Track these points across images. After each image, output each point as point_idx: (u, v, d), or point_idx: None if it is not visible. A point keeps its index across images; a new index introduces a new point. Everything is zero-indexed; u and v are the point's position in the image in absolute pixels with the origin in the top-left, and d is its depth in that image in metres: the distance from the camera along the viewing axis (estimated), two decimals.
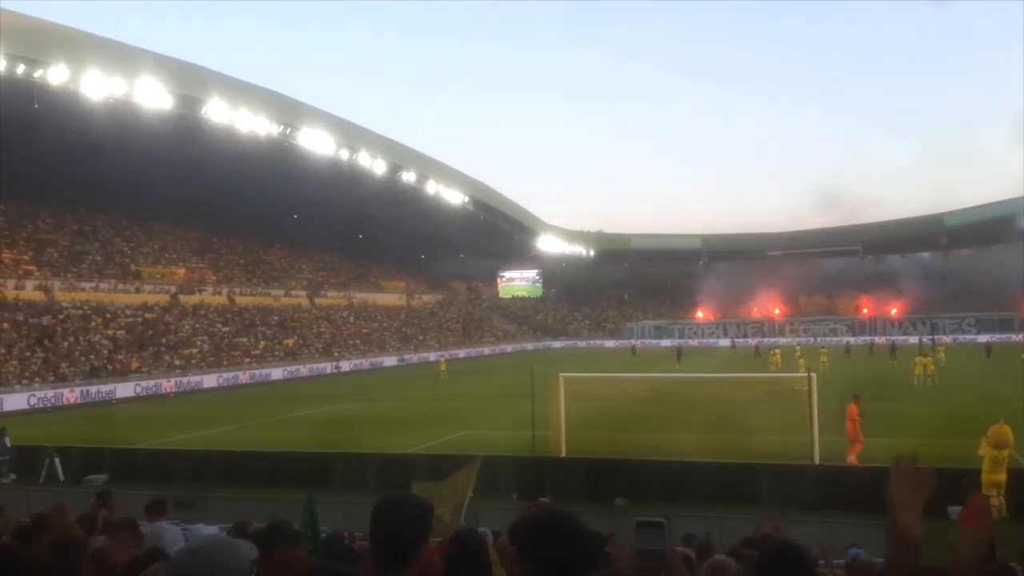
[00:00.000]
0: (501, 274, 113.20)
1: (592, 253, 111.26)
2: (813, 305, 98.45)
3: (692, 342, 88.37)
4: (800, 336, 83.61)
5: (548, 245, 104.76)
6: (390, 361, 68.65)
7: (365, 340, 72.52)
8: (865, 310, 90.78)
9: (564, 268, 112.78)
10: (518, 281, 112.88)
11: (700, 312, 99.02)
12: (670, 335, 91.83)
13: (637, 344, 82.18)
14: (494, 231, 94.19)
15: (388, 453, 22.01)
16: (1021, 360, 44.54)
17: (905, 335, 78.36)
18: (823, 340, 75.05)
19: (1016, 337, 73.75)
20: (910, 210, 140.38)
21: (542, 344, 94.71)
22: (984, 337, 71.72)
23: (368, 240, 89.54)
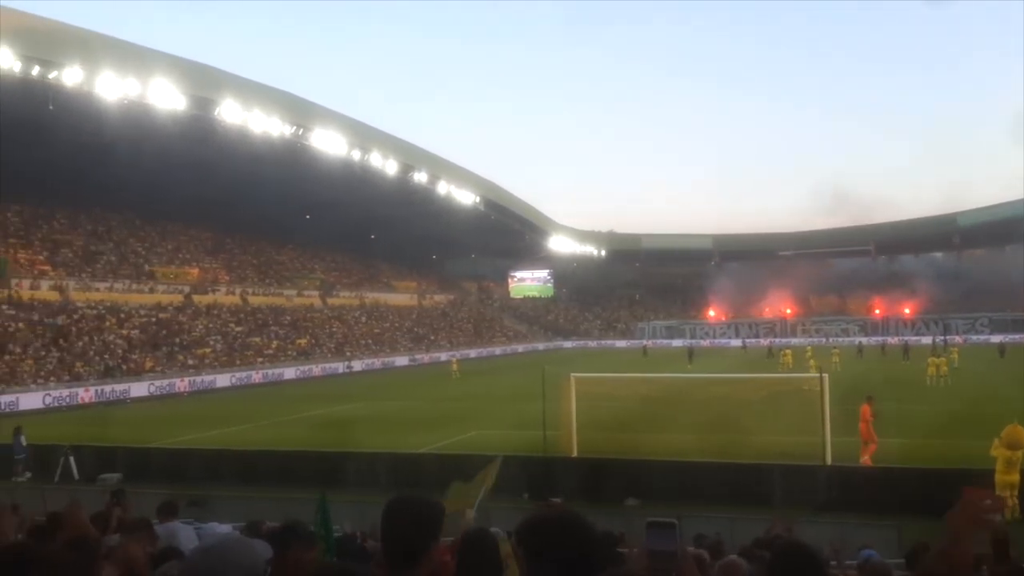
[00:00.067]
0: (512, 274, 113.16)
1: (603, 253, 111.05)
2: (825, 305, 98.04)
3: (704, 342, 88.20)
4: (812, 336, 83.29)
5: (559, 245, 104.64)
6: (402, 361, 68.76)
7: (377, 340, 72.66)
8: (877, 311, 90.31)
9: (575, 268, 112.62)
10: (529, 281, 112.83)
11: (712, 312, 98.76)
12: (681, 335, 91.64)
13: (648, 344, 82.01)
14: (505, 231, 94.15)
15: (400, 453, 22.06)
16: None
17: (918, 335, 77.91)
18: (835, 340, 74.73)
19: None
20: (921, 210, 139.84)
21: (553, 344, 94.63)
22: (997, 337, 71.23)
23: (380, 240, 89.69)
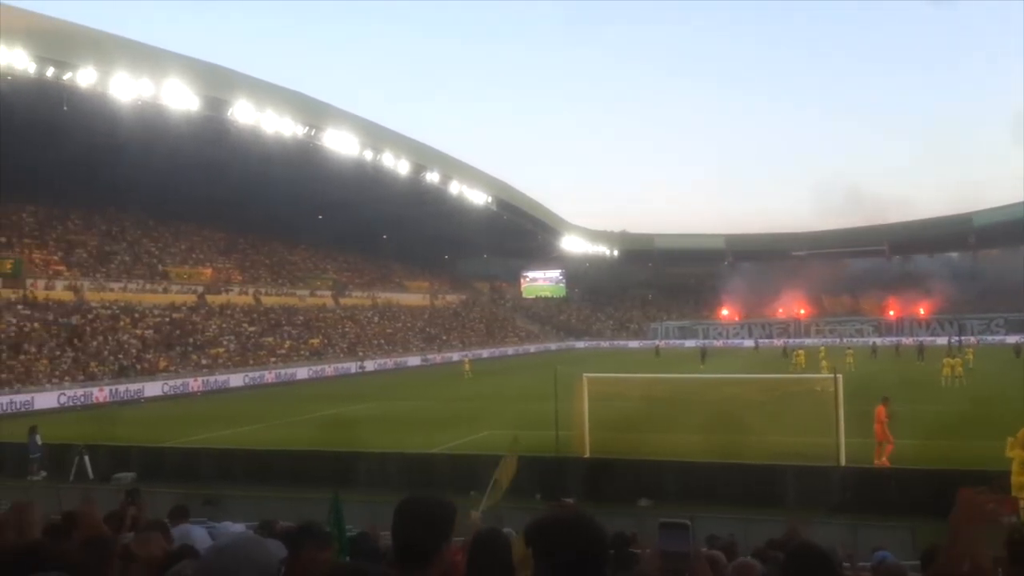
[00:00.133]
0: (524, 274, 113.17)
1: (615, 253, 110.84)
2: (838, 305, 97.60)
3: (716, 343, 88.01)
4: (826, 337, 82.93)
5: (571, 245, 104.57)
6: (414, 361, 68.88)
7: (389, 340, 72.81)
8: (892, 312, 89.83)
9: (587, 268, 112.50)
10: (541, 281, 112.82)
11: (725, 312, 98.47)
12: (694, 336, 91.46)
13: (661, 344, 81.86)
14: (517, 231, 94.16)
15: (412, 453, 22.08)
16: None
17: (933, 336, 77.49)
18: (849, 341, 74.41)
19: None
20: (935, 210, 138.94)
21: (565, 344, 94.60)
22: (1013, 338, 70.63)
23: (392, 240, 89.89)
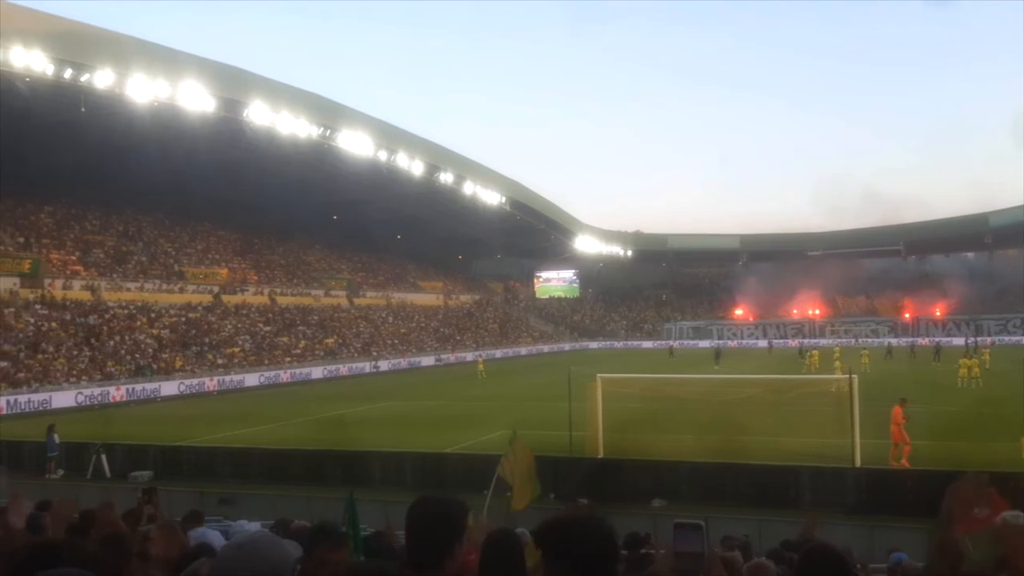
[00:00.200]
0: (538, 274, 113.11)
1: (629, 253, 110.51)
2: (854, 306, 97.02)
3: (731, 343, 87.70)
4: (841, 338, 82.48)
5: (585, 245, 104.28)
6: (428, 361, 68.97)
7: (403, 340, 72.95)
8: (907, 313, 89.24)
9: (601, 268, 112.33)
10: (555, 281, 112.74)
11: (740, 312, 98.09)
12: (708, 336, 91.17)
13: (675, 345, 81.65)
14: (531, 231, 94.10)
15: (426, 452, 22.12)
16: None
17: (949, 336, 76.94)
18: (864, 341, 74.00)
19: None
20: (950, 210, 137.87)
21: (579, 345, 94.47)
22: None
23: (406, 241, 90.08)
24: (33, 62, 39.76)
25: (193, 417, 34.75)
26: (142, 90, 44.63)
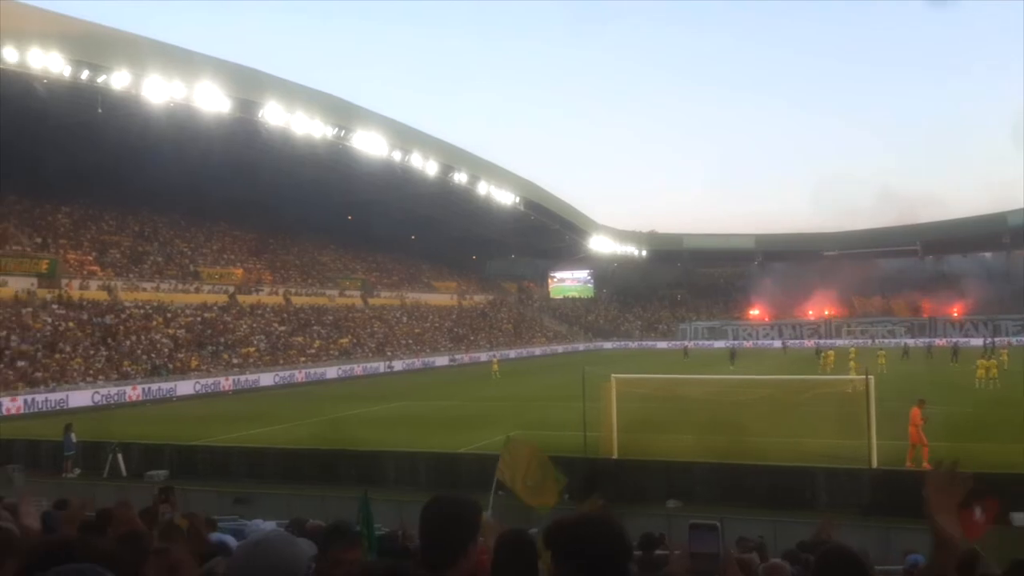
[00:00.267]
0: (552, 274, 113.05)
1: (644, 253, 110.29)
2: (870, 306, 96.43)
3: (746, 343, 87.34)
4: (857, 338, 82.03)
5: (599, 245, 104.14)
6: (442, 361, 69.04)
7: (417, 340, 73.06)
8: (924, 313, 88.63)
9: (616, 268, 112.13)
10: (569, 281, 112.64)
11: (756, 311, 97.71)
12: (723, 336, 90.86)
13: (689, 345, 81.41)
14: (545, 231, 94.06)
15: (440, 452, 22.14)
16: None
17: (966, 337, 76.37)
18: (881, 342, 73.57)
19: None
20: (967, 209, 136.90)
21: (593, 345, 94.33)
22: None
23: (420, 241, 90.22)
24: (51, 64, 40.05)
25: (208, 417, 34.92)
26: (158, 91, 44.90)
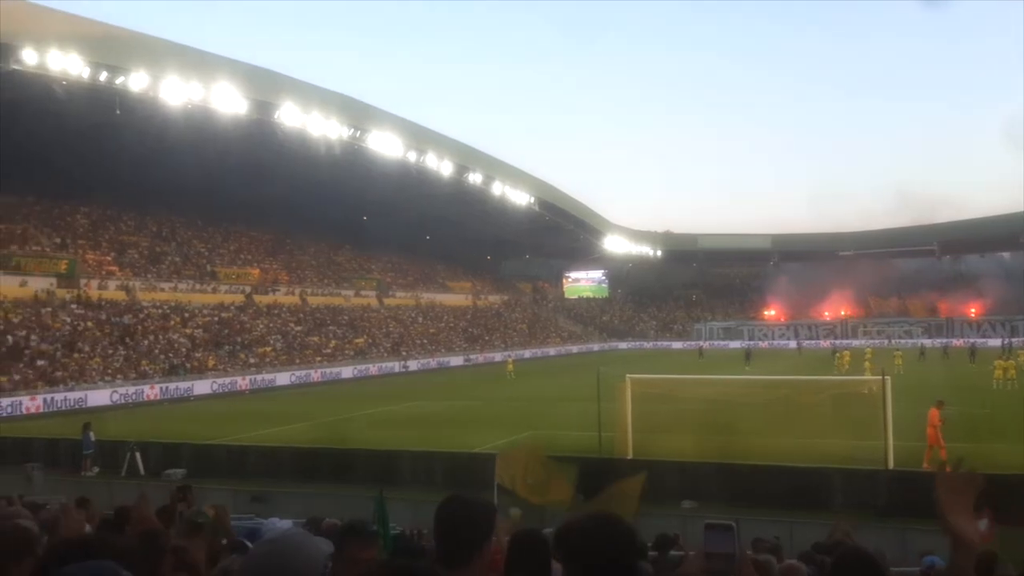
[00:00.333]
0: (567, 275, 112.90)
1: (659, 253, 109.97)
2: (887, 306, 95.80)
3: (762, 344, 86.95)
4: (874, 338, 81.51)
5: (614, 245, 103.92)
6: (456, 361, 69.11)
7: (432, 340, 73.19)
8: (941, 315, 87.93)
9: (631, 268, 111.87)
10: (584, 282, 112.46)
11: (772, 311, 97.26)
12: (739, 336, 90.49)
13: (705, 346, 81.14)
14: (560, 231, 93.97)
15: (455, 452, 22.16)
16: None
17: (984, 337, 75.74)
18: (897, 342, 73.10)
19: None
20: (985, 209, 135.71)
21: (608, 345, 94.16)
22: None
23: (435, 241, 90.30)
24: (70, 65, 40.33)
25: (225, 416, 35.12)
26: (176, 92, 45.14)
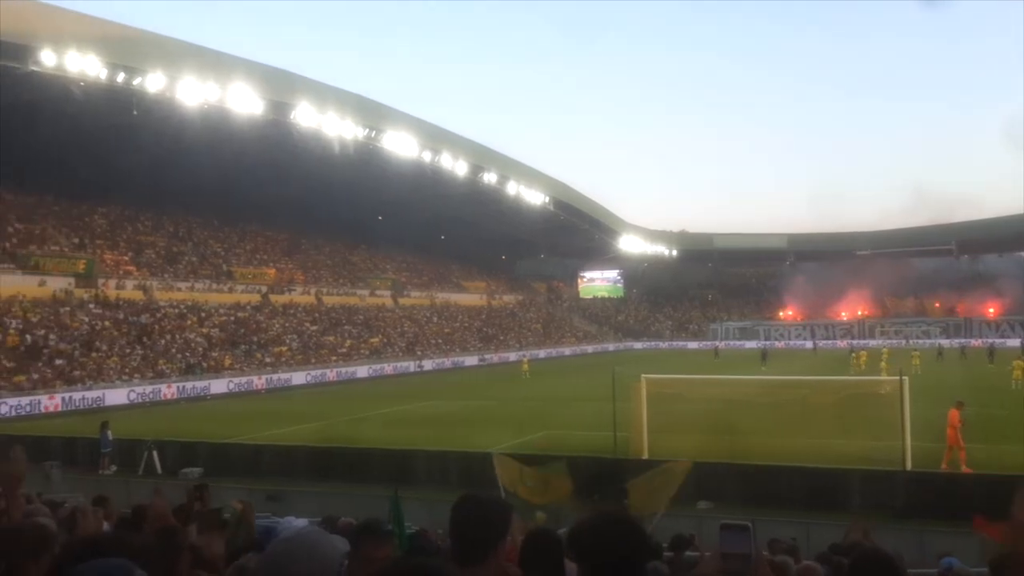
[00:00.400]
0: (582, 274, 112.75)
1: (674, 253, 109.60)
2: (903, 306, 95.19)
3: (778, 344, 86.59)
4: (891, 339, 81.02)
5: (629, 245, 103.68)
6: (471, 360, 69.19)
7: (447, 339, 73.28)
8: (959, 315, 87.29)
9: (646, 268, 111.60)
10: (599, 281, 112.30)
11: (789, 311, 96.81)
12: (755, 336, 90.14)
13: (720, 346, 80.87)
14: (575, 231, 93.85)
15: (470, 451, 22.15)
16: None
17: (1003, 338, 75.15)
18: (915, 343, 72.63)
19: None
20: (1004, 208, 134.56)
21: (623, 345, 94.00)
22: None
23: (450, 241, 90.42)
24: (87, 66, 40.62)
25: (242, 415, 35.28)
26: (192, 93, 45.37)
